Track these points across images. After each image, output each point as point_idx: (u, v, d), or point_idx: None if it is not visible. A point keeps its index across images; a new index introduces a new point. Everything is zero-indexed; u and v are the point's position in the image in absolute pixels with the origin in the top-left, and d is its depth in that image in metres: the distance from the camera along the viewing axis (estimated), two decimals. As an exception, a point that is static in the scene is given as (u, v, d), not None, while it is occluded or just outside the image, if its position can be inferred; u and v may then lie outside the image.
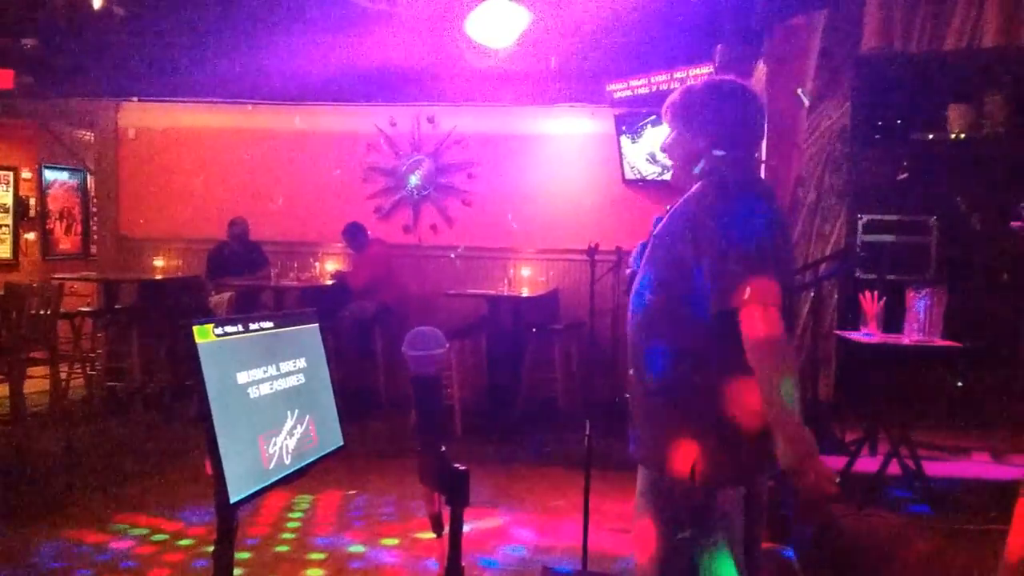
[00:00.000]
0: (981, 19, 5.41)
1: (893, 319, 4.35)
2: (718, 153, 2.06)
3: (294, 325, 2.34)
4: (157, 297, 7.53)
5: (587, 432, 3.75)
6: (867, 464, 4.10)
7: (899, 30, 5.63)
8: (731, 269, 1.86)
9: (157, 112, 8.30)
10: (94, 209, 9.70)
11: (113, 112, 8.40)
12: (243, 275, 7.36)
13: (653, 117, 7.09)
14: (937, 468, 4.12)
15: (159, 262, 8.19)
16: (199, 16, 6.36)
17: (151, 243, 8.34)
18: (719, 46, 6.23)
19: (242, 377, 2.00)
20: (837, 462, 4.23)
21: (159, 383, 7.07)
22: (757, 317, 1.83)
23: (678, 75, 6.60)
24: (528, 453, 5.94)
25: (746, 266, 1.85)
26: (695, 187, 2.07)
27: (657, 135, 7.17)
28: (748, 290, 1.83)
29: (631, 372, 2.12)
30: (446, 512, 1.73)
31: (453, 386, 6.26)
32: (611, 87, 7.01)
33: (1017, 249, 5.06)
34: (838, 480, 1.78)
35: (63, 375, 6.85)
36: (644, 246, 2.20)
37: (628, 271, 2.24)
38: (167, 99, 8.06)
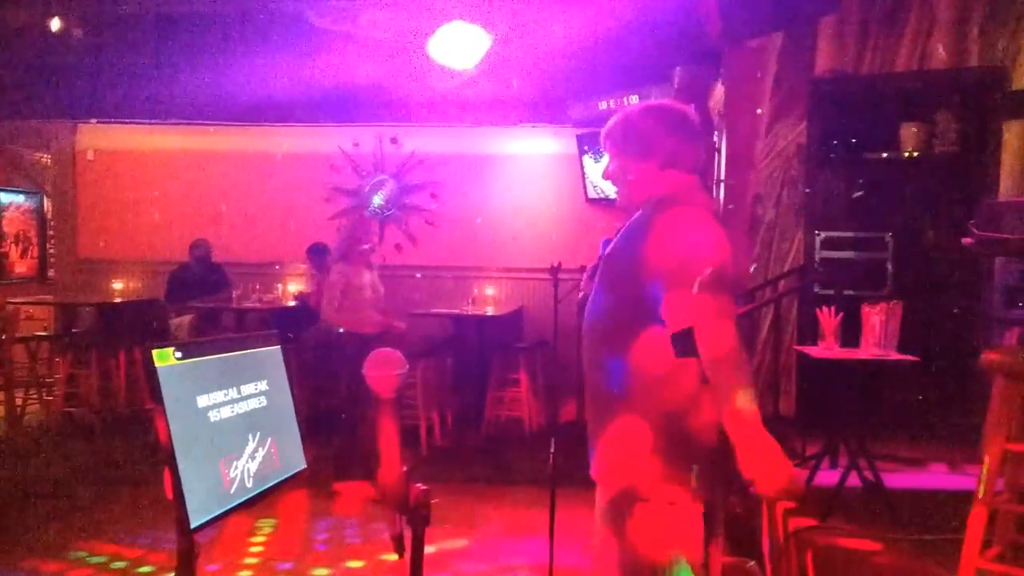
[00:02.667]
0: (930, 41, 5.57)
1: (850, 334, 4.43)
2: (665, 176, 2.09)
3: (256, 347, 2.33)
4: (116, 320, 7.41)
5: (552, 450, 3.77)
6: (828, 476, 4.15)
7: (852, 52, 5.77)
8: (684, 288, 1.88)
9: (116, 133, 8.22)
10: (51, 232, 9.54)
11: (70, 134, 8.30)
12: (204, 297, 7.28)
13: (614, 137, 7.17)
14: (895, 479, 4.19)
15: (118, 285, 8.08)
16: (158, 37, 6.33)
17: (110, 266, 8.23)
18: (678, 68, 6.34)
19: (203, 400, 1.99)
20: (799, 475, 4.28)
21: (118, 408, 6.95)
22: (714, 332, 1.85)
23: (639, 96, 6.69)
24: (494, 472, 5.93)
25: (701, 285, 1.87)
26: (645, 209, 2.09)
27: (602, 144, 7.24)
28: (704, 307, 1.86)
29: (587, 390, 2.14)
30: (408, 533, 1.73)
31: (418, 406, 6.23)
32: (573, 107, 7.09)
33: (969, 265, 5.18)
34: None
35: (19, 401, 6.71)
36: (595, 269, 2.22)
37: (580, 295, 2.25)
38: (126, 120, 8.00)
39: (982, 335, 5.09)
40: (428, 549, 1.82)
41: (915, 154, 5.65)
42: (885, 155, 5.71)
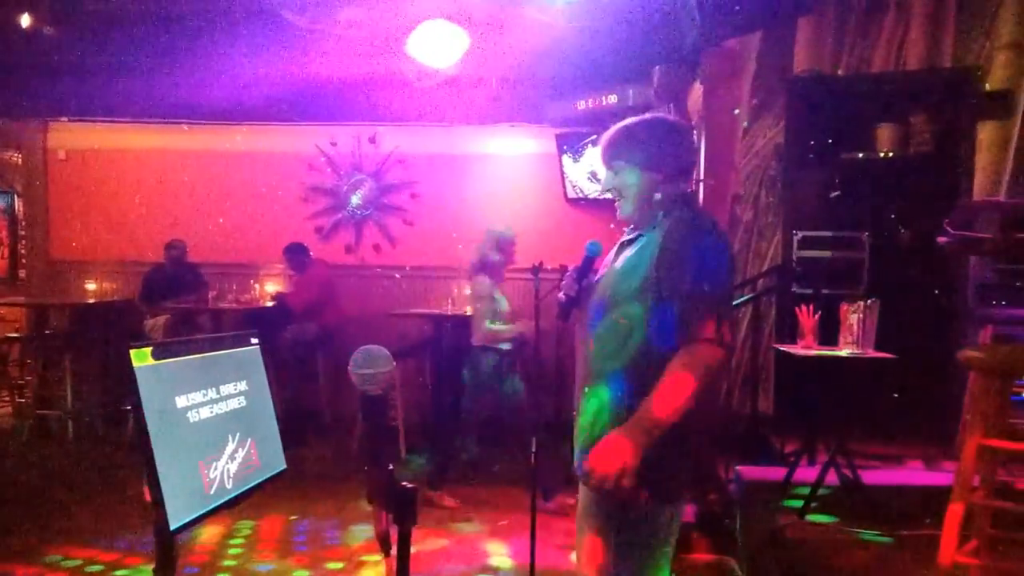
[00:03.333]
0: (905, 43, 5.63)
1: (828, 332, 4.46)
2: (669, 189, 2.12)
3: (234, 348, 2.30)
4: (90, 322, 7.32)
5: (533, 450, 3.77)
6: (806, 474, 4.18)
7: (829, 53, 5.82)
8: (699, 311, 1.95)
9: (89, 132, 8.11)
10: (23, 232, 9.39)
11: (42, 132, 8.19)
12: (180, 298, 7.21)
13: (594, 137, 7.19)
14: (873, 476, 4.22)
15: (91, 286, 7.98)
16: (131, 34, 6.25)
17: (83, 266, 8.13)
18: (656, 68, 6.36)
19: (181, 401, 1.96)
20: (777, 473, 4.31)
21: (92, 410, 6.87)
22: (702, 357, 1.94)
23: (617, 96, 6.71)
24: (475, 472, 5.92)
25: (711, 303, 1.96)
26: (660, 224, 2.10)
27: (599, 165, 7.25)
28: (709, 327, 1.94)
29: (581, 396, 2.14)
30: (394, 531, 1.71)
31: (397, 407, 6.21)
32: (553, 107, 7.09)
33: (945, 263, 5.24)
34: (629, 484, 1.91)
35: (-9, 404, 6.62)
36: (577, 271, 2.22)
37: (561, 295, 2.24)
38: (99, 119, 7.90)
39: (958, 333, 5.14)
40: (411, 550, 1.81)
41: (891, 154, 5.70)
42: (861, 155, 5.75)
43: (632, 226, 2.20)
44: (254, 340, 2.38)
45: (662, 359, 1.97)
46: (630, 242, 2.17)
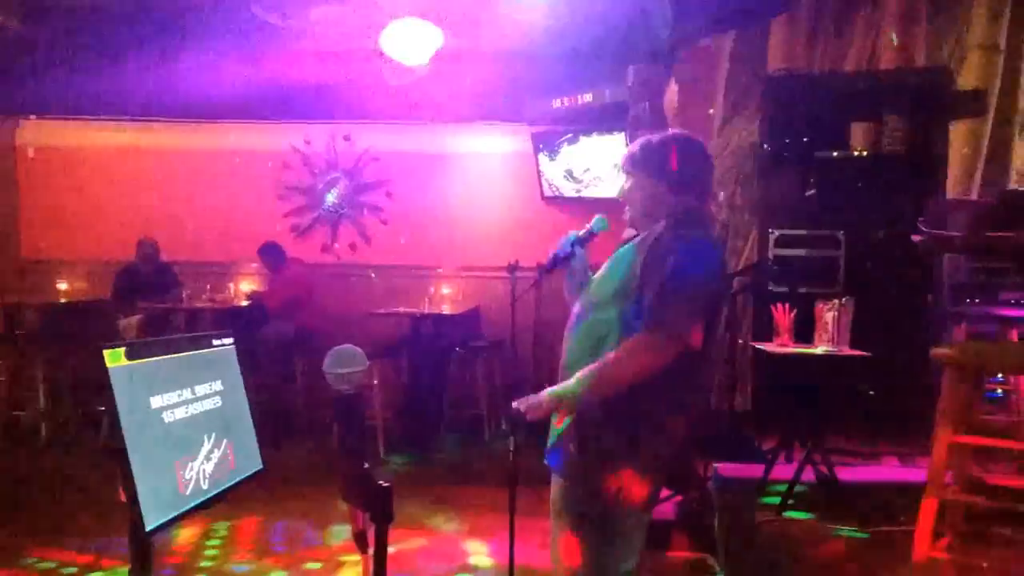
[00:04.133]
0: (878, 42, 5.69)
1: (805, 330, 4.49)
2: (672, 198, 2.20)
3: (209, 347, 2.28)
4: (62, 322, 7.21)
5: (511, 448, 3.75)
6: (784, 471, 4.21)
7: (802, 53, 5.87)
8: (666, 301, 1.98)
9: (59, 130, 8.00)
10: (-9, 231, 9.26)
11: (11, 130, 8.06)
12: (153, 298, 7.13)
13: (570, 135, 7.20)
14: (849, 473, 4.26)
15: (63, 285, 7.87)
16: (102, 31, 6.17)
17: (54, 266, 8.01)
18: (631, 67, 6.37)
19: (156, 401, 1.94)
20: (755, 470, 4.33)
21: (66, 410, 6.77)
22: (658, 346, 1.97)
23: (593, 95, 6.72)
24: (452, 472, 5.90)
25: (681, 301, 1.99)
26: (655, 228, 2.17)
27: (574, 153, 7.27)
28: (671, 321, 1.98)
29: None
30: (371, 530, 1.70)
31: (375, 406, 6.18)
32: (528, 106, 7.08)
33: (919, 261, 5.29)
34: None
35: (-40, 405, 6.50)
36: (576, 236, 2.37)
37: (552, 252, 2.35)
38: (69, 117, 7.78)
39: (932, 330, 5.20)
40: (388, 549, 1.80)
41: (864, 153, 5.76)
42: (836, 153, 5.80)
43: (635, 233, 2.27)
44: (229, 340, 2.36)
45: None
46: (627, 242, 2.24)
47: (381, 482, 1.70)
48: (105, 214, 7.96)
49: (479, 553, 4.33)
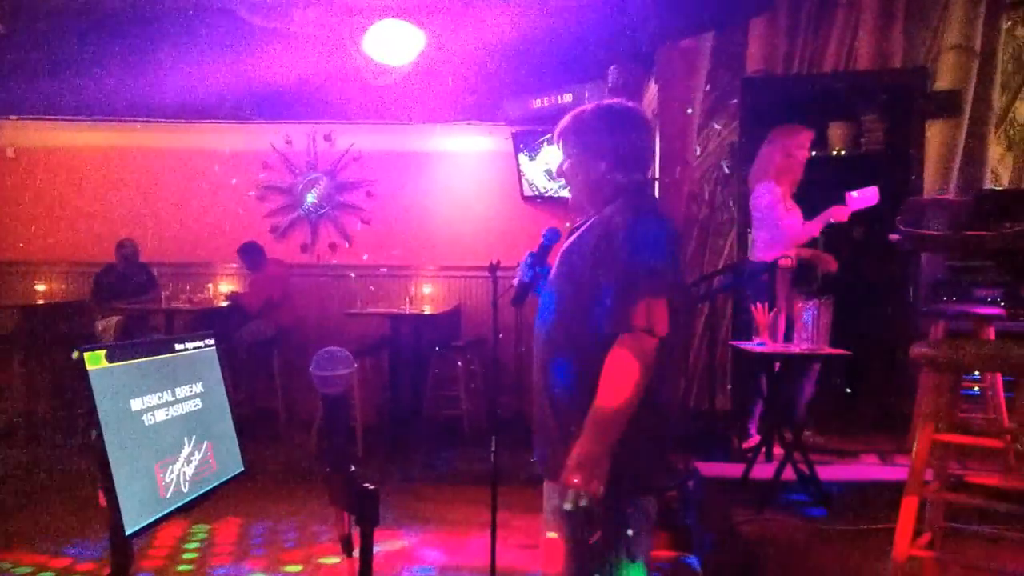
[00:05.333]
0: (855, 43, 5.73)
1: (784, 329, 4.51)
2: (618, 176, 2.08)
3: (189, 349, 2.26)
4: (40, 323, 7.13)
5: (493, 448, 3.75)
6: (763, 470, 4.23)
7: (781, 53, 5.90)
8: (629, 292, 1.90)
9: (38, 130, 7.91)
10: (-33, 232, 9.14)
11: (-11, 130, 7.97)
12: (132, 299, 7.07)
13: (550, 135, 7.18)
14: (829, 472, 4.28)
15: (41, 287, 7.79)
16: (82, 31, 6.11)
17: (33, 267, 7.93)
18: (612, 67, 6.39)
19: (136, 404, 1.92)
20: (735, 469, 4.36)
21: (43, 413, 6.70)
22: (637, 347, 1.88)
23: (573, 95, 6.73)
24: (433, 472, 5.90)
25: (643, 288, 1.90)
26: (605, 210, 2.08)
27: (554, 153, 7.28)
28: (639, 314, 1.89)
29: (537, 388, 2.14)
30: (356, 533, 1.69)
31: (355, 407, 6.16)
32: (508, 105, 7.09)
33: (897, 260, 5.34)
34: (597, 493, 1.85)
35: (-65, 408, 6.42)
36: (532, 256, 2.22)
37: (515, 281, 2.25)
38: (49, 117, 7.70)
39: (910, 329, 5.24)
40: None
41: (843, 152, 5.80)
42: (814, 153, 5.83)
43: (581, 215, 2.17)
44: (209, 341, 2.34)
45: (601, 344, 1.93)
46: (576, 230, 2.15)
47: (367, 485, 1.69)
48: (84, 215, 7.88)
49: (461, 553, 4.33)
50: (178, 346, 2.20)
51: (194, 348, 2.29)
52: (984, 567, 3.01)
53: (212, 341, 2.36)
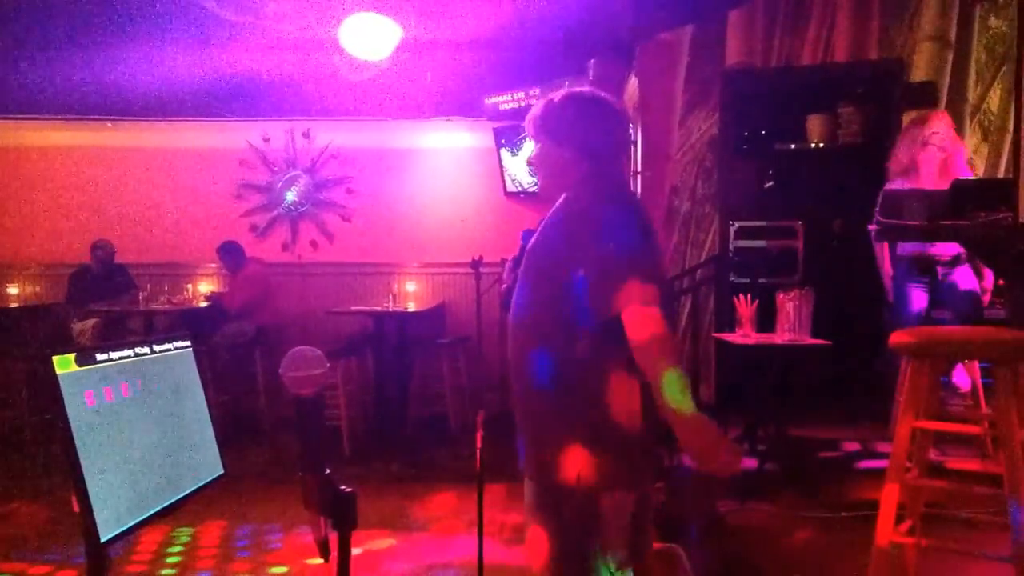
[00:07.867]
0: (833, 36, 5.76)
1: (766, 320, 4.53)
2: (586, 165, 2.06)
3: (165, 350, 2.23)
4: (13, 327, 7.04)
5: (478, 446, 3.73)
6: (747, 461, 4.24)
7: (760, 46, 5.92)
8: (610, 276, 1.88)
9: (7, 129, 7.79)
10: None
11: (-43, 130, 7.86)
12: (108, 300, 6.99)
13: (531, 130, 7.18)
14: (811, 460, 4.31)
15: (14, 290, 7.70)
16: (47, 26, 6.01)
17: (4, 270, 7.84)
18: (592, 61, 6.39)
19: (108, 407, 1.88)
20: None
21: (18, 418, 6.61)
22: (641, 318, 1.85)
23: (553, 88, 6.71)
24: (419, 470, 5.87)
25: (625, 271, 1.88)
26: (566, 199, 2.07)
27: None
28: (629, 293, 1.86)
29: (514, 385, 2.12)
30: (333, 537, 1.67)
31: (340, 406, 6.12)
32: (489, 100, 7.07)
33: (875, 251, 5.36)
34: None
35: (-93, 414, 6.32)
36: (516, 260, 2.20)
37: (503, 287, 2.24)
38: (20, 116, 7.59)
39: (888, 317, 5.27)
40: (354, 551, 1.77)
41: (821, 144, 5.83)
42: (794, 146, 5.86)
43: (551, 204, 2.15)
44: (186, 342, 2.31)
45: (578, 335, 1.92)
46: (542, 222, 2.13)
47: (343, 487, 1.67)
48: (58, 216, 7.79)
49: (447, 552, 4.31)
50: (153, 347, 2.16)
51: (171, 349, 2.25)
52: (964, 551, 3.04)
53: (189, 342, 2.33)
